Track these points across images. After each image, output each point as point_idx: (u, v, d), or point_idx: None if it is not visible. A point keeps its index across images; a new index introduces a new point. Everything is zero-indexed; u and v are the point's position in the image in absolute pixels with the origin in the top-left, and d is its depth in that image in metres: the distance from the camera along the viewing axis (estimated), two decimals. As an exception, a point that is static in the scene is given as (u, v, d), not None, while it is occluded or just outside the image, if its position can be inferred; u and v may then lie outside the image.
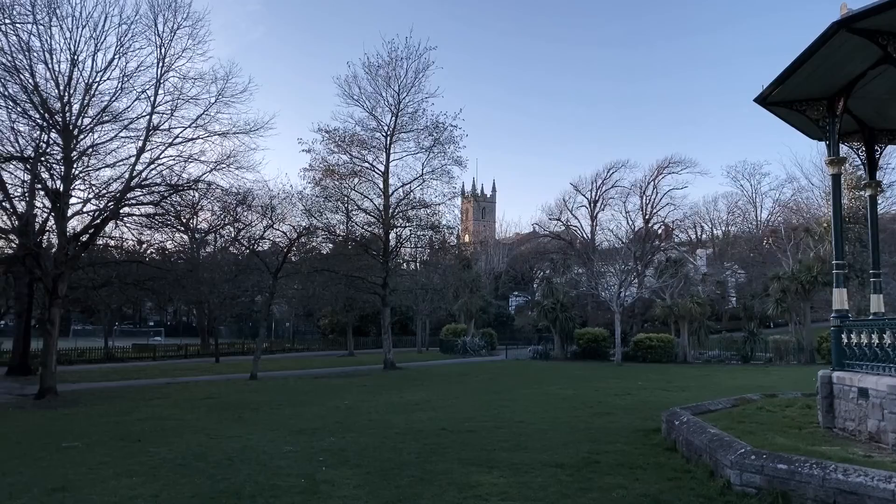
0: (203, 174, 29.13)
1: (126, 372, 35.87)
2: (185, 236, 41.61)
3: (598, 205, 77.31)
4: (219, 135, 28.71)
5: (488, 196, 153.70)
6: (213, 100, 27.74)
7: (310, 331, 73.74)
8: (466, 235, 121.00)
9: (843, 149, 13.73)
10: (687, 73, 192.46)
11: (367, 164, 38.44)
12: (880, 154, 13.88)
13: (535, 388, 24.21)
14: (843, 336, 11.56)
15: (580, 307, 57.85)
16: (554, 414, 16.69)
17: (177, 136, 27.31)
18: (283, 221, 36.11)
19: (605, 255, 60.10)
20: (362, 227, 39.48)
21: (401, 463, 10.72)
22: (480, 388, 24.63)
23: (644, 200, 74.92)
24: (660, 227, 75.71)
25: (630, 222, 73.64)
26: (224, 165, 28.80)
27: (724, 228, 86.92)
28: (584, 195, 77.82)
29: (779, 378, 26.90)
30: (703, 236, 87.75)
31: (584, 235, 75.90)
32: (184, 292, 41.69)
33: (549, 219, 80.00)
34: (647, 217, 74.37)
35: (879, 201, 53.38)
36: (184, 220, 38.98)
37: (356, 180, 38.03)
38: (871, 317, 12.80)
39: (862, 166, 14.61)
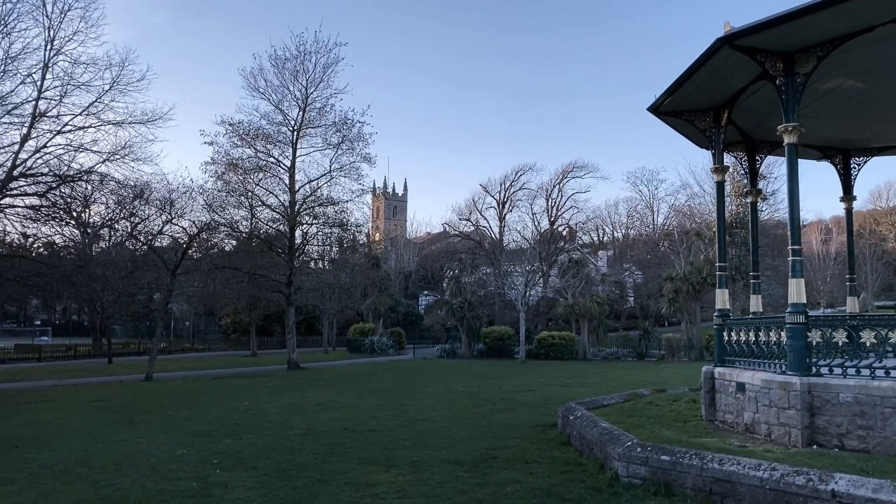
0: (95, 165, 27.63)
1: (6, 374, 33.46)
2: (77, 231, 39.40)
3: (507, 206, 79.41)
4: (113, 124, 27.41)
5: (400, 195, 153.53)
6: (107, 87, 26.46)
7: (211, 330, 71.33)
8: (377, 234, 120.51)
9: (729, 158, 14.66)
10: (593, 79, 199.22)
11: (272, 160, 37.61)
12: (761, 163, 14.89)
13: (440, 386, 24.41)
14: (724, 334, 12.34)
15: (488, 306, 58.85)
16: (456, 411, 16.90)
17: (66, 124, 25.82)
18: (183, 216, 34.76)
19: (513, 255, 61.50)
20: (267, 224, 38.54)
21: (299, 464, 10.55)
22: (385, 387, 24.59)
23: (549, 203, 77.51)
24: (564, 229, 78.30)
25: (536, 224, 75.81)
26: (118, 156, 27.48)
27: (624, 231, 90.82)
28: (493, 196, 79.76)
29: (670, 374, 28.32)
30: (605, 238, 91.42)
31: (493, 236, 77.46)
32: (74, 290, 39.40)
33: (460, 219, 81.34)
34: (552, 219, 76.86)
35: (765, 208, 56.63)
36: (74, 214, 36.89)
37: (261, 175, 37.13)
38: (750, 316, 13.72)
39: (745, 174, 15.61)
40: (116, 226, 37.81)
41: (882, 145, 15.02)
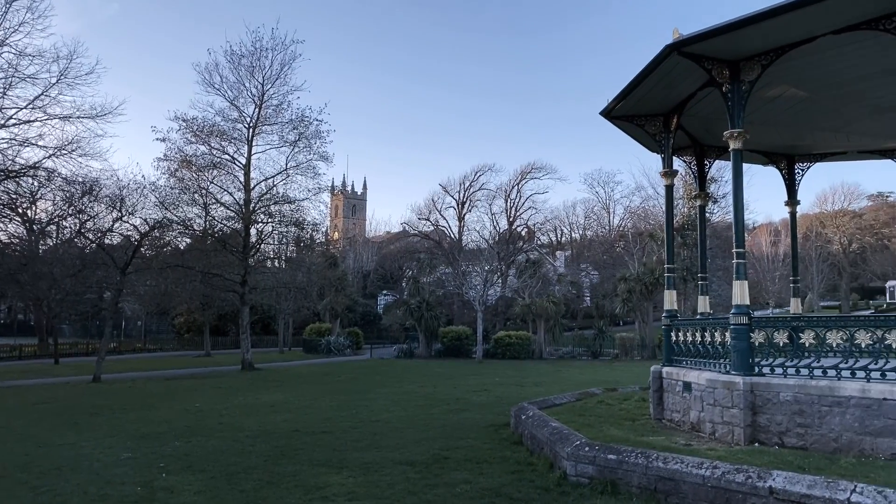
0: (42, 160, 26.75)
1: (-56, 376, 32.17)
2: (22, 227, 38.16)
3: (466, 206, 79.74)
4: (60, 118, 26.58)
5: (359, 193, 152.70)
6: (54, 80, 25.65)
7: (164, 330, 69.76)
8: (336, 232, 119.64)
9: (679, 162, 15.00)
10: (553, 81, 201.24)
11: (227, 157, 36.96)
12: (709, 168, 15.24)
13: (396, 386, 24.35)
14: (672, 334, 12.60)
15: (447, 306, 58.93)
16: (411, 412, 16.88)
17: (10, 118, 24.91)
18: (134, 214, 33.91)
19: (471, 255, 61.78)
20: (221, 222, 37.88)
21: (248, 466, 10.41)
22: (341, 387, 24.42)
23: (508, 203, 78.10)
24: (523, 230, 79.04)
25: (495, 224, 76.32)
26: (66, 152, 26.63)
27: (581, 232, 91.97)
28: (452, 196, 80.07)
29: (622, 373, 28.80)
30: (563, 239, 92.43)
31: (452, 235, 77.67)
32: (19, 288, 38.13)
33: (419, 218, 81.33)
34: (511, 219, 77.49)
35: (716, 210, 57.96)
36: (20, 210, 35.68)
37: (215, 173, 36.48)
38: (698, 316, 14.05)
39: (694, 178, 15.95)
40: (64, 223, 36.74)
41: (824, 152, 15.54)
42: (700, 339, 11.33)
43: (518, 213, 78.48)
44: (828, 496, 6.48)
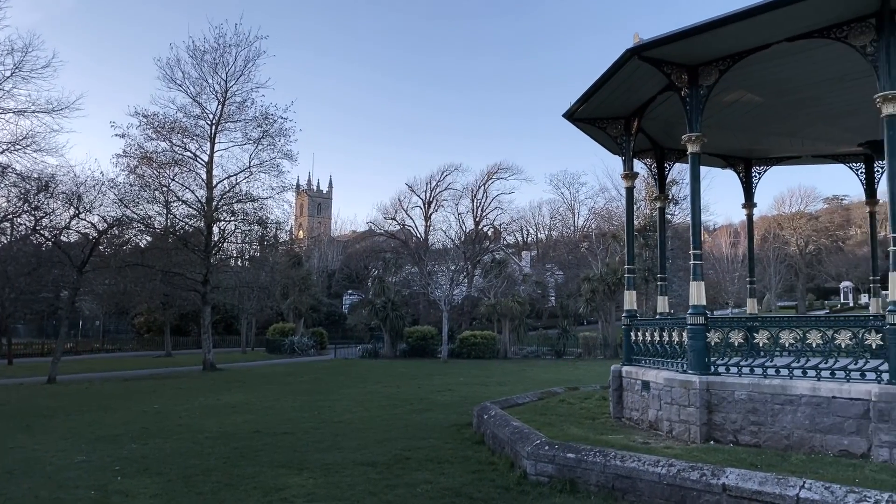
0: (-7, 155, 25.95)
1: None
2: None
3: (432, 206, 79.75)
4: (14, 112, 25.84)
5: (325, 192, 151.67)
6: (8, 73, 24.92)
7: (124, 330, 68.31)
8: (300, 231, 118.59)
9: (640, 165, 15.22)
10: (520, 84, 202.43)
11: (189, 154, 36.45)
12: (669, 170, 15.50)
13: (360, 387, 24.24)
14: (631, 334, 12.80)
15: (413, 306, 58.84)
16: (374, 412, 16.82)
17: (-39, 111, 24.12)
18: (92, 211, 33.14)
19: (438, 254, 61.78)
20: (183, 220, 37.26)
21: (207, 469, 10.25)
22: (303, 388, 24.21)
23: (475, 203, 78.34)
24: (489, 230, 79.35)
25: (461, 224, 76.48)
26: (20, 147, 25.89)
27: (547, 232, 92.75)
28: (418, 196, 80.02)
29: (585, 372, 29.13)
30: (529, 239, 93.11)
31: (419, 235, 77.57)
32: (-31, 287, 36.94)
33: (385, 217, 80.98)
34: (477, 219, 77.73)
35: (677, 212, 58.89)
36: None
37: (177, 170, 35.90)
38: (657, 316, 14.29)
39: (654, 181, 16.22)
40: (18, 220, 35.70)
41: (779, 156, 15.93)
42: (658, 338, 11.52)
43: (484, 213, 78.88)
44: (778, 492, 6.66)
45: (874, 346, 8.76)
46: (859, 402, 8.46)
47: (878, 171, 15.15)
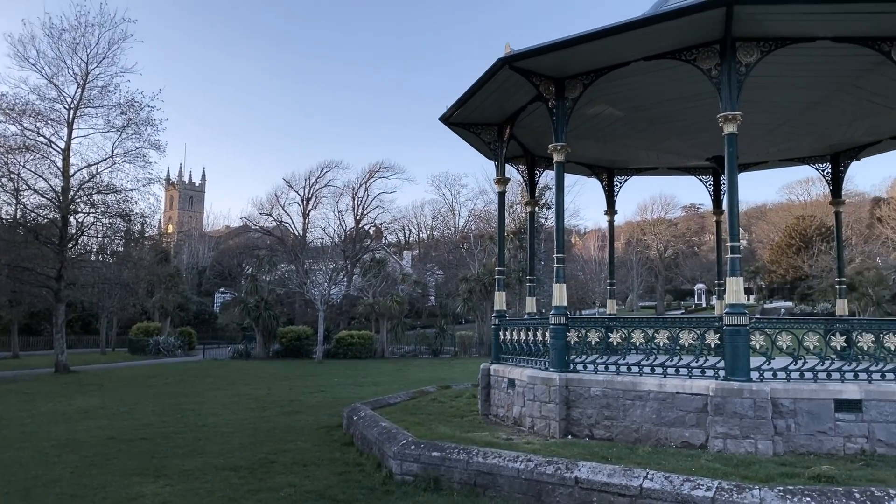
0: None
1: None
2: None
3: (311, 202, 78.16)
4: None
5: (197, 184, 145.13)
6: None
7: (-37, 329, 61.90)
8: (170, 225, 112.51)
9: (513, 170, 15.72)
10: (404, 83, 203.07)
11: (42, 139, 33.50)
12: (539, 177, 16.14)
13: (228, 389, 23.36)
14: (500, 333, 13.17)
15: (288, 305, 57.42)
16: (241, 415, 16.29)
17: None
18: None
19: (316, 253, 60.68)
20: (34, 211, 34.27)
21: (51, 479, 9.54)
22: (167, 390, 23.01)
23: (356, 202, 77.68)
24: (370, 228, 78.98)
25: (341, 222, 75.56)
26: None
27: (428, 232, 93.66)
28: (297, 192, 78.20)
29: (459, 370, 29.65)
30: (411, 238, 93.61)
31: (296, 232, 75.80)
32: None
33: (261, 213, 78.64)
34: (358, 218, 77.06)
35: (549, 216, 61.39)
36: None
37: (28, 156, 32.93)
38: (525, 316, 14.82)
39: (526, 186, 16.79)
40: None
41: (639, 167, 16.99)
42: (525, 338, 11.95)
43: (365, 212, 78.42)
44: (624, 483, 7.13)
45: (713, 346, 9.56)
46: (699, 397, 9.20)
47: (723, 183, 16.51)
